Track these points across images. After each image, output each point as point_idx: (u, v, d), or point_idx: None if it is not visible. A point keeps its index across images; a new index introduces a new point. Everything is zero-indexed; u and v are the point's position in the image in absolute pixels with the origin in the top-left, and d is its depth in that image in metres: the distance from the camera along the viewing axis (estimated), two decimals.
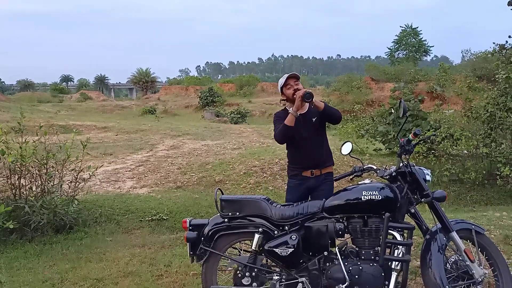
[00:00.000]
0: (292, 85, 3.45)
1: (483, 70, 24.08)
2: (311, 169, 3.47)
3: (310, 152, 3.47)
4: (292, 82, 3.47)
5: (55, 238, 5.04)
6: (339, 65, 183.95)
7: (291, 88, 3.44)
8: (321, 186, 3.48)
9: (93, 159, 9.91)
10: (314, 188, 3.49)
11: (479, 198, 7.88)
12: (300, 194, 3.48)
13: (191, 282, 3.70)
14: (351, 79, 34.94)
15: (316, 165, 3.48)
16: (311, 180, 3.48)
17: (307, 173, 3.48)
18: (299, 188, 3.52)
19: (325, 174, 3.51)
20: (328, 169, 3.55)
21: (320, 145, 3.51)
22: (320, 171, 3.49)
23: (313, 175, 3.47)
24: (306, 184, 3.49)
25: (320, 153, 3.50)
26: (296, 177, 3.55)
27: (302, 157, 3.52)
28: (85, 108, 34.17)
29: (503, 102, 8.06)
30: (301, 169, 3.51)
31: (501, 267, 2.98)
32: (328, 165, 3.56)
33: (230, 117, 26.34)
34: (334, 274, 2.76)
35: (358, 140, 11.93)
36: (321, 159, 3.51)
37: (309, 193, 3.51)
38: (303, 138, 3.47)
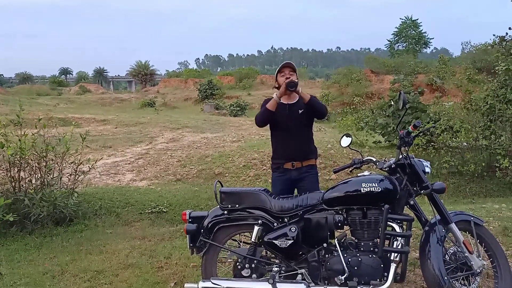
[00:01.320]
0: (286, 74, 3.47)
1: (483, 62, 24.01)
2: (292, 161, 3.48)
3: (292, 144, 3.48)
4: (287, 71, 3.49)
5: (55, 231, 5.05)
6: (339, 58, 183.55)
7: (284, 76, 3.46)
8: (304, 178, 3.49)
9: (93, 152, 9.91)
10: (296, 181, 3.50)
11: (478, 190, 7.90)
12: (284, 187, 3.50)
13: (191, 273, 3.72)
14: (351, 71, 34.85)
15: (298, 157, 3.49)
16: (293, 172, 3.49)
17: (288, 165, 3.50)
18: (282, 181, 3.54)
19: (307, 167, 3.51)
20: (310, 162, 3.54)
21: (303, 137, 3.51)
22: (301, 163, 3.49)
23: (294, 167, 3.48)
24: (288, 176, 3.51)
25: (302, 146, 3.51)
26: (278, 169, 3.57)
27: (284, 148, 3.54)
28: (84, 101, 34.12)
29: (503, 94, 8.05)
30: (282, 161, 3.53)
31: (500, 259, 2.99)
32: (310, 158, 3.56)
33: (229, 110, 26.29)
34: (333, 265, 2.77)
35: (357, 132, 11.93)
36: (303, 152, 3.51)
37: (292, 186, 3.52)
38: (287, 128, 3.49)
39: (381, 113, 11.92)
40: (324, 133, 13.91)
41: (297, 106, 3.46)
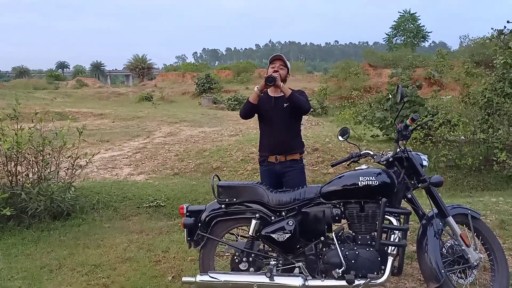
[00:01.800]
0: (276, 67, 3.47)
1: (481, 55, 24.00)
2: (276, 155, 3.48)
3: (277, 137, 3.48)
4: (278, 64, 3.48)
5: (53, 225, 5.04)
6: (337, 51, 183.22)
7: (274, 69, 3.46)
8: (287, 173, 3.47)
9: (90, 146, 9.89)
10: (281, 175, 3.50)
11: (476, 184, 7.92)
12: (270, 180, 3.49)
13: (189, 267, 3.72)
14: (349, 65, 34.75)
15: (281, 151, 3.48)
16: (276, 165, 3.49)
17: (272, 158, 3.50)
18: (268, 174, 3.54)
19: (291, 161, 3.49)
20: (294, 156, 3.51)
21: (287, 131, 3.49)
22: (285, 157, 3.48)
23: (278, 160, 3.48)
24: (273, 170, 3.51)
25: (286, 139, 3.49)
26: (264, 163, 3.59)
27: (268, 141, 3.56)
28: (81, 95, 33.98)
29: (500, 88, 8.05)
30: (267, 155, 3.54)
31: (497, 252, 3.00)
32: (295, 152, 3.53)
33: (227, 104, 26.23)
34: (330, 259, 2.77)
35: (355, 126, 11.93)
36: (287, 145, 3.49)
37: (279, 179, 3.51)
38: (271, 121, 3.50)
39: (379, 107, 11.91)
40: (322, 127, 13.91)
41: (282, 99, 3.44)
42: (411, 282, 3.34)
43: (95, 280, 3.54)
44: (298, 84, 29.36)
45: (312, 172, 7.89)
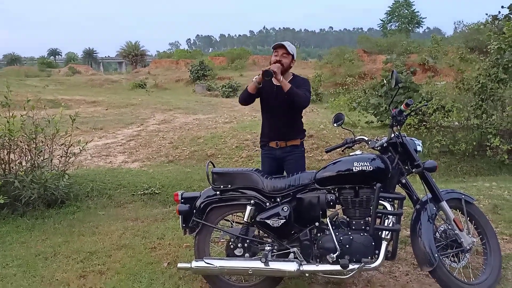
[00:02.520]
0: (278, 55, 3.42)
1: (475, 41, 23.98)
2: (276, 140, 3.50)
3: (277, 123, 3.50)
4: (280, 52, 3.43)
5: (47, 213, 5.02)
6: (331, 38, 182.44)
7: (277, 57, 3.42)
8: (288, 158, 3.49)
9: (83, 133, 9.83)
10: (282, 160, 3.52)
11: (469, 169, 7.98)
12: (270, 164, 3.55)
13: (184, 254, 3.73)
14: (343, 51, 34.60)
15: (282, 136, 3.50)
16: (277, 151, 3.52)
17: (272, 143, 3.53)
18: (269, 159, 3.58)
19: (291, 146, 3.51)
20: (294, 142, 3.52)
21: (288, 119, 3.48)
22: (286, 143, 3.49)
23: (278, 146, 3.50)
24: (273, 155, 3.54)
25: (287, 127, 3.49)
26: (264, 147, 3.63)
27: (269, 127, 3.58)
28: (73, 83, 33.66)
29: (494, 73, 8.06)
30: (268, 140, 3.57)
31: (489, 236, 3.03)
32: (295, 138, 3.54)
33: (221, 91, 26.11)
34: (325, 244, 2.79)
35: (350, 113, 11.94)
36: (287, 132, 3.50)
37: (279, 164, 3.54)
38: (272, 108, 3.51)
39: (373, 93, 11.90)
40: (317, 113, 13.91)
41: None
42: (405, 266, 3.37)
43: (90, 267, 3.54)
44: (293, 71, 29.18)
45: (307, 158, 7.84)
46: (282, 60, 3.39)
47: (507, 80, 8.10)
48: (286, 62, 3.42)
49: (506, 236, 3.74)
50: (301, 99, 3.33)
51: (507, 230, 3.85)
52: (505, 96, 7.93)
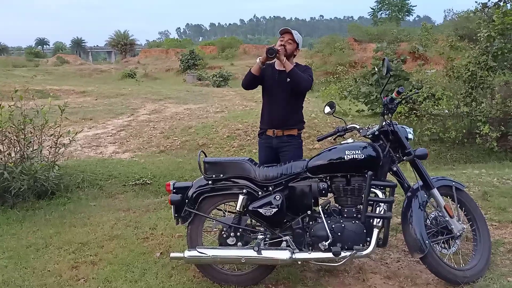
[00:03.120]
0: (284, 40, 3.41)
1: (465, 29, 24.02)
2: (273, 129, 3.49)
3: (275, 111, 3.49)
4: (287, 37, 3.42)
5: (38, 204, 4.99)
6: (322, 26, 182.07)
7: (282, 42, 3.41)
8: (284, 147, 3.48)
9: (73, 124, 9.72)
10: (278, 149, 3.51)
11: (459, 157, 8.06)
12: (267, 153, 3.55)
13: (177, 243, 3.73)
14: (334, 40, 34.60)
15: (279, 125, 3.48)
16: (273, 139, 3.50)
17: (270, 132, 3.52)
18: (265, 147, 3.58)
19: (288, 136, 3.49)
20: (291, 131, 3.50)
21: (287, 106, 3.46)
22: (282, 132, 3.48)
23: (275, 134, 3.49)
24: (270, 144, 3.53)
25: (285, 114, 3.47)
26: (262, 135, 3.62)
27: (267, 114, 3.57)
28: (62, 72, 33.25)
29: (484, 61, 8.11)
30: (265, 128, 3.56)
31: (479, 222, 3.07)
32: (292, 127, 3.51)
33: (212, 81, 25.98)
34: (317, 232, 2.80)
35: (341, 101, 11.95)
36: (285, 120, 3.48)
37: (275, 153, 3.53)
38: (273, 94, 3.50)
39: (364, 81, 11.92)
40: (308, 102, 13.89)
41: (285, 74, 3.38)
42: (396, 253, 3.41)
43: (82, 258, 3.53)
44: None
45: None
46: (287, 46, 3.39)
47: (496, 68, 8.17)
48: (290, 49, 3.41)
49: (495, 223, 3.79)
50: (303, 80, 3.32)
51: (496, 216, 3.90)
52: (495, 84, 8.00)
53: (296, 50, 3.48)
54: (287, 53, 3.36)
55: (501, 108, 7.66)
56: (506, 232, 3.62)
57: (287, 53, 3.36)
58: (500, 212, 3.99)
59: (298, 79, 3.30)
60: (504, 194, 4.40)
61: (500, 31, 8.16)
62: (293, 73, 3.28)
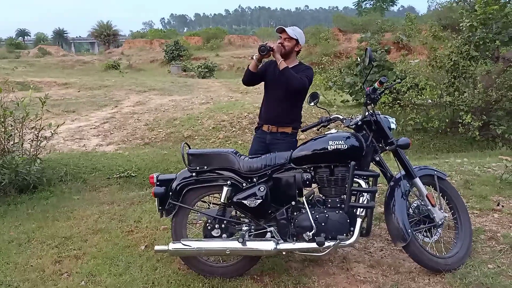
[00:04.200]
0: (282, 38, 3.44)
1: (448, 19, 24.21)
2: (268, 124, 3.50)
3: (272, 107, 3.50)
4: (283, 36, 3.44)
5: (19, 198, 4.91)
6: (307, 16, 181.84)
7: (280, 40, 3.44)
8: (277, 144, 3.46)
9: (55, 116, 9.59)
10: (270, 145, 3.50)
11: (442, 146, 8.17)
12: (258, 147, 3.54)
13: (162, 236, 3.71)
14: (319, 30, 34.59)
15: (274, 121, 3.48)
16: (267, 135, 3.51)
17: (265, 127, 3.53)
18: (258, 142, 3.59)
19: (282, 133, 3.48)
20: (285, 129, 3.48)
21: (284, 103, 3.44)
22: (277, 128, 3.48)
23: (269, 130, 3.50)
24: (264, 139, 3.53)
25: (280, 111, 3.46)
26: (258, 130, 3.64)
27: (264, 109, 3.59)
28: (44, 64, 32.59)
29: (466, 51, 8.21)
30: (262, 123, 3.59)
31: (461, 210, 3.12)
32: (287, 125, 3.49)
33: (197, 72, 25.75)
34: (301, 222, 2.81)
35: (326, 92, 11.99)
36: (280, 117, 3.47)
37: (267, 149, 3.51)
38: (271, 91, 3.52)
39: (348, 72, 11.97)
40: None
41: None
42: (379, 242, 3.45)
43: (66, 252, 3.49)
44: None
45: None
46: (284, 43, 3.41)
47: (478, 57, 8.27)
48: (288, 46, 3.42)
49: (477, 211, 3.86)
50: (294, 80, 3.27)
51: (477, 204, 3.97)
52: (477, 73, 8.10)
53: (297, 46, 3.48)
54: (285, 50, 3.38)
55: (482, 97, 7.78)
56: (487, 220, 3.68)
57: (285, 50, 3.38)
58: (481, 200, 4.05)
59: (289, 77, 3.27)
60: (485, 183, 4.48)
61: (482, 21, 8.25)
62: (285, 71, 3.27)
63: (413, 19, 31.21)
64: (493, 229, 3.47)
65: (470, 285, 2.70)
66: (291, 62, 3.47)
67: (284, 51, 3.37)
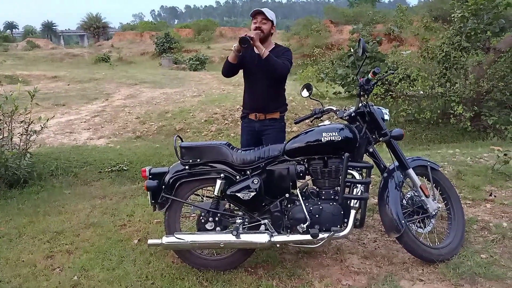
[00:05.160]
0: (258, 22, 3.34)
1: (439, 10, 24.30)
2: (256, 112, 3.47)
3: (257, 95, 3.45)
4: (260, 18, 3.34)
5: (10, 193, 4.85)
6: (299, 8, 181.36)
7: (256, 24, 3.34)
8: (266, 131, 3.47)
9: (45, 110, 9.47)
10: (260, 132, 3.49)
11: (434, 137, 8.21)
12: (249, 137, 3.53)
13: (155, 229, 3.69)
14: (311, 22, 34.53)
15: (261, 108, 3.46)
16: (256, 123, 3.49)
17: (252, 115, 3.50)
18: (247, 131, 3.56)
19: (270, 120, 3.47)
20: (274, 115, 3.48)
21: (268, 90, 3.42)
22: (265, 116, 3.46)
23: (257, 118, 3.47)
24: (252, 127, 3.51)
25: (267, 98, 3.44)
26: (244, 119, 3.60)
27: (249, 98, 3.54)
28: (32, 57, 32.19)
29: (457, 42, 8.22)
30: (248, 111, 3.55)
31: (453, 201, 3.13)
32: (275, 111, 3.49)
33: (188, 64, 25.60)
34: (295, 214, 2.80)
35: (318, 84, 11.97)
36: (267, 104, 3.45)
37: (257, 137, 3.52)
38: (253, 79, 3.46)
39: (340, 64, 11.96)
40: (286, 85, 13.86)
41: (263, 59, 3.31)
42: (373, 233, 3.45)
43: (58, 247, 3.45)
44: None
45: None
46: (262, 27, 3.32)
47: (469, 48, 8.29)
48: (266, 29, 3.35)
49: (469, 201, 3.88)
50: (278, 66, 3.24)
51: (470, 195, 3.99)
52: (468, 64, 8.13)
53: (272, 28, 3.42)
54: (264, 34, 3.32)
55: (474, 88, 7.81)
56: (480, 210, 3.70)
57: (264, 34, 3.32)
58: (473, 190, 4.07)
59: (273, 65, 3.23)
60: (477, 173, 4.50)
61: (474, 12, 8.26)
62: (269, 59, 3.21)
63: (404, 11, 31.27)
64: (486, 219, 3.49)
65: (463, 274, 2.71)
66: (269, 45, 3.42)
67: (263, 34, 3.29)
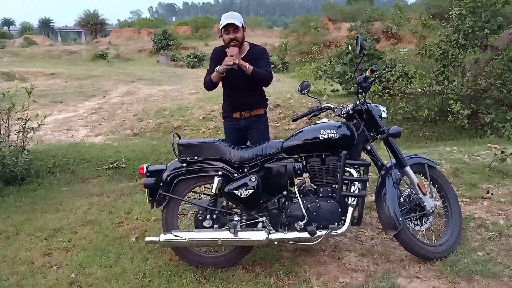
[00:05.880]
0: (230, 33, 3.27)
1: (437, 8, 24.27)
2: (240, 111, 3.48)
3: (240, 95, 3.45)
4: (231, 29, 3.27)
5: (7, 191, 4.84)
6: (297, 5, 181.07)
7: (229, 35, 3.27)
8: (252, 127, 3.49)
9: (42, 107, 9.45)
10: (245, 129, 3.51)
11: (431, 135, 8.22)
12: (234, 135, 3.53)
13: (153, 227, 3.69)
14: (309, 19, 34.47)
15: (245, 107, 3.48)
16: (241, 121, 3.50)
17: (236, 114, 3.51)
18: (232, 130, 3.56)
19: (255, 116, 3.51)
20: (258, 111, 3.52)
21: (251, 90, 3.43)
22: (250, 113, 3.49)
23: (242, 116, 3.49)
24: (238, 125, 3.52)
25: (250, 97, 3.45)
26: (228, 118, 3.59)
27: (232, 98, 3.53)
28: (30, 54, 32.03)
29: (455, 39, 8.22)
30: (231, 111, 3.54)
31: (451, 198, 3.14)
32: (259, 107, 3.53)
33: (186, 61, 25.56)
34: (293, 212, 2.80)
35: (316, 81, 11.97)
36: (251, 102, 3.48)
37: (243, 134, 3.53)
38: (234, 82, 3.41)
39: (338, 61, 11.95)
40: (283, 83, 13.86)
41: (246, 61, 3.25)
42: (370, 231, 3.46)
43: (55, 245, 3.45)
44: (258, 40, 28.94)
45: (274, 128, 7.90)
46: (236, 36, 3.27)
47: (467, 46, 8.29)
48: (240, 37, 3.30)
49: (466, 199, 3.89)
50: (265, 78, 3.30)
51: (467, 192, 3.99)
52: (465, 62, 8.13)
53: (243, 32, 3.36)
54: (239, 42, 3.28)
55: (471, 86, 7.82)
56: (477, 207, 3.71)
57: (239, 42, 3.28)
58: (471, 188, 4.08)
59: (258, 78, 3.28)
60: (474, 171, 4.51)
61: (471, 9, 8.27)
62: (254, 74, 3.21)
63: (402, 8, 31.20)
64: (483, 217, 3.50)
65: (460, 272, 2.72)
66: (245, 49, 3.40)
67: (239, 43, 3.27)
